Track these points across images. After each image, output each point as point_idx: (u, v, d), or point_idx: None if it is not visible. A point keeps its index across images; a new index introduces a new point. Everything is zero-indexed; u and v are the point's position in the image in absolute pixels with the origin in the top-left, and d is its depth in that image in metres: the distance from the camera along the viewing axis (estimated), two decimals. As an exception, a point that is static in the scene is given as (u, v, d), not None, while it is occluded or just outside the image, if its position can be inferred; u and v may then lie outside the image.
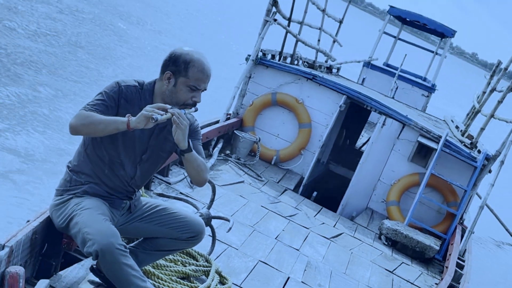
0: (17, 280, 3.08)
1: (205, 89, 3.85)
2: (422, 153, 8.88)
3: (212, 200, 5.19)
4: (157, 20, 26.35)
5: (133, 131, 3.63)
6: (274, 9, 8.99)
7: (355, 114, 11.56)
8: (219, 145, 8.40)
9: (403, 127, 8.87)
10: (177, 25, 27.95)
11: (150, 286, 3.54)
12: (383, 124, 8.85)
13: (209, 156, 8.06)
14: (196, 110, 3.83)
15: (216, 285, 4.45)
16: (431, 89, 15.67)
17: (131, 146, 3.76)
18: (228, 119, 9.00)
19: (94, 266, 3.79)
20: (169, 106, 3.58)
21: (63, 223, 3.60)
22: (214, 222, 5.44)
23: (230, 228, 5.13)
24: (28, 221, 3.59)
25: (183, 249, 4.07)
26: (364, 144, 13.49)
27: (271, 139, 9.33)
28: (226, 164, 8.19)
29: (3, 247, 3.16)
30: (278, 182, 8.54)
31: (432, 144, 8.66)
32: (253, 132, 9.19)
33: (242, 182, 7.76)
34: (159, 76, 3.83)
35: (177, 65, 3.74)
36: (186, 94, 3.76)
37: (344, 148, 12.53)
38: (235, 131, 8.78)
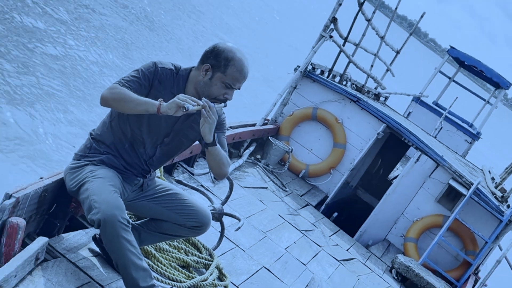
0: (16, 230, 3.13)
1: (239, 89, 3.87)
2: (450, 196, 8.78)
3: (227, 197, 5.21)
4: (217, 14, 26.55)
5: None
6: (332, 26, 8.99)
7: (394, 145, 11.47)
8: (251, 148, 8.42)
9: (436, 167, 8.78)
10: (236, 21, 28.13)
11: (145, 265, 3.56)
12: (417, 160, 8.78)
13: (238, 156, 8.08)
14: (225, 106, 3.85)
15: (214, 280, 4.46)
16: (475, 136, 15.46)
17: (156, 127, 3.80)
18: (265, 124, 9.02)
19: (97, 236, 3.85)
20: (202, 102, 3.59)
21: (75, 187, 3.64)
22: (226, 220, 5.48)
23: (239, 228, 5.15)
24: (41, 178, 3.65)
25: (186, 237, 4.09)
26: (396, 176, 13.35)
27: (303, 152, 9.32)
28: (253, 167, 8.20)
29: (10, 196, 3.22)
30: (301, 196, 8.52)
31: (462, 189, 8.55)
32: (287, 142, 9.19)
33: (266, 188, 7.76)
34: (197, 65, 3.86)
35: (217, 60, 3.75)
36: (220, 90, 3.78)
37: (376, 176, 12.44)
38: (269, 137, 8.79)
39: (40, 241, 3.32)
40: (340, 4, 8.83)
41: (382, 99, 13.10)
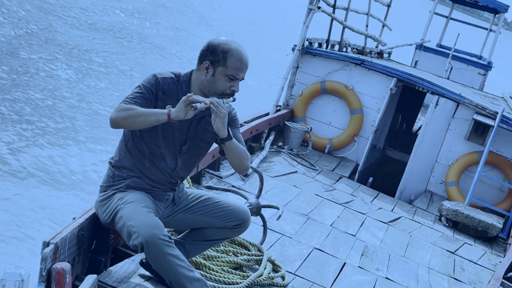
0: (63, 276, 3.11)
1: (243, 79, 3.82)
2: (479, 131, 8.65)
3: (260, 189, 5.17)
4: (200, 8, 26.48)
5: (172, 123, 3.63)
6: (317, -3, 8.90)
7: (410, 97, 11.36)
8: (271, 137, 8.37)
9: (457, 106, 8.67)
10: (219, 17, 28.08)
11: (198, 275, 3.54)
12: (436, 104, 8.68)
13: (261, 148, 8.04)
14: (234, 100, 3.81)
15: (269, 273, 4.43)
16: (487, 67, 15.29)
17: (171, 138, 3.76)
18: (278, 110, 8.96)
19: (144, 260, 3.82)
20: (208, 100, 3.57)
21: (108, 218, 3.63)
22: (266, 212, 5.44)
23: (280, 216, 5.10)
24: (74, 218, 3.63)
25: (230, 237, 4.06)
26: (420, 127, 13.22)
27: (323, 128, 9.25)
28: (278, 155, 8.14)
29: (48, 244, 3.20)
30: (332, 171, 8.45)
31: (488, 121, 8.43)
32: (305, 122, 9.12)
33: (296, 172, 7.71)
34: (196, 66, 3.82)
35: (215, 55, 3.72)
36: (225, 84, 3.75)
37: (400, 132, 12.33)
38: (286, 122, 8.72)
39: (90, 280, 3.30)
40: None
41: (385, 55, 12.98)
